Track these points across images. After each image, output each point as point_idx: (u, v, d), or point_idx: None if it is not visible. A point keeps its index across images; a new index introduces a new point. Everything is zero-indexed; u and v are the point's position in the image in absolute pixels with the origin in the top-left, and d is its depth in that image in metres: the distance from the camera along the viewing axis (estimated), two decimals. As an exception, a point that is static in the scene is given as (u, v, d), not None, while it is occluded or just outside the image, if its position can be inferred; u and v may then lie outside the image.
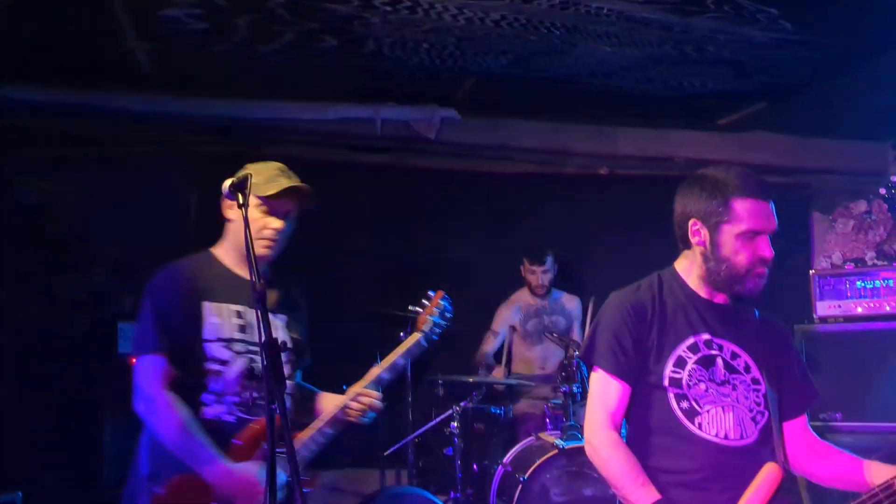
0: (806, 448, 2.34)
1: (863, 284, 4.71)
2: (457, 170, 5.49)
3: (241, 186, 2.17)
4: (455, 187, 5.51)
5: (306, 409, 2.66)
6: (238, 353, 2.45)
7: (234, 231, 2.57)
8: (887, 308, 4.63)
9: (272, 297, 2.46)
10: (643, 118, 5.38)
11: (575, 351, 4.45)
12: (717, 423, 2.19)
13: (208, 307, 2.46)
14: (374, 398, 2.55)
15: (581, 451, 3.94)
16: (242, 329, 2.48)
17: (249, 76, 4.63)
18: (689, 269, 2.34)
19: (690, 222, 2.28)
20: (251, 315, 2.47)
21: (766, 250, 2.21)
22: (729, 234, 2.21)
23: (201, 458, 2.32)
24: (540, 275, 5.29)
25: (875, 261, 5.28)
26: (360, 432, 2.60)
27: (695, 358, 2.23)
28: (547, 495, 3.97)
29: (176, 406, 2.36)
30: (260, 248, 2.44)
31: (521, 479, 3.93)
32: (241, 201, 2.14)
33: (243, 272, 2.51)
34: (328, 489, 5.00)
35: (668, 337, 2.25)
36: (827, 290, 4.79)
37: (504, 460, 4.28)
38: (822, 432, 4.29)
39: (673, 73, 4.46)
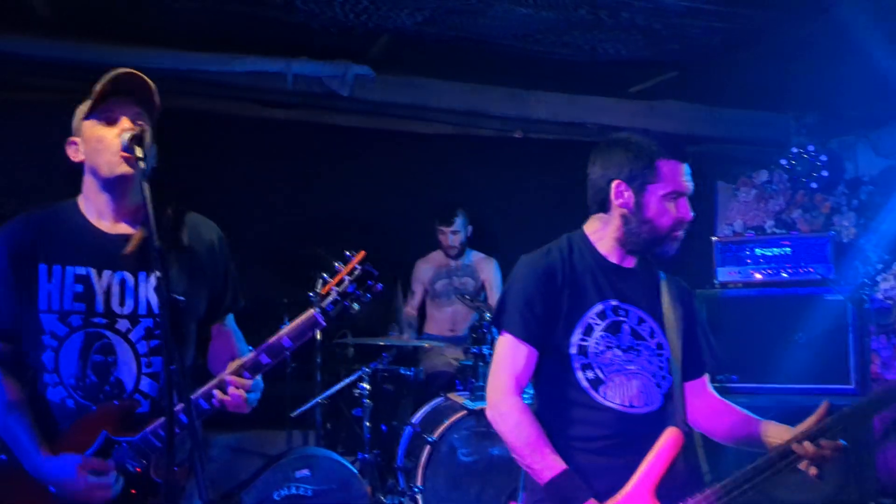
0: (706, 407, 2.39)
1: (762, 252, 4.88)
2: (371, 128, 5.42)
3: (139, 139, 1.97)
4: (369, 146, 5.44)
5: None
6: (75, 327, 2.09)
7: (87, 172, 2.15)
8: (784, 275, 4.82)
9: (140, 251, 2.12)
10: (558, 83, 5.39)
11: (485, 312, 4.48)
12: (622, 391, 2.21)
13: (44, 270, 2.10)
14: (244, 387, 2.06)
15: (489, 411, 4.02)
16: (83, 297, 2.10)
17: (153, 24, 4.41)
18: (600, 232, 2.32)
19: (614, 184, 2.25)
20: (104, 279, 2.11)
21: (688, 212, 2.24)
22: (654, 194, 2.22)
23: (21, 445, 2.05)
24: (449, 235, 5.29)
25: (774, 229, 5.48)
26: (267, 393, 2.43)
27: (603, 325, 2.23)
28: (455, 455, 4.01)
29: (2, 385, 2.10)
30: (116, 168, 2.06)
31: (430, 439, 3.95)
32: (139, 155, 1.95)
33: (108, 225, 2.16)
34: (233, 450, 4.93)
35: (578, 303, 2.24)
36: (728, 257, 4.95)
37: (413, 421, 4.30)
38: (720, 393, 4.47)
39: (587, 39, 4.47)
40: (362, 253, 2.22)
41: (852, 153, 5.80)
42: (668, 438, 2.16)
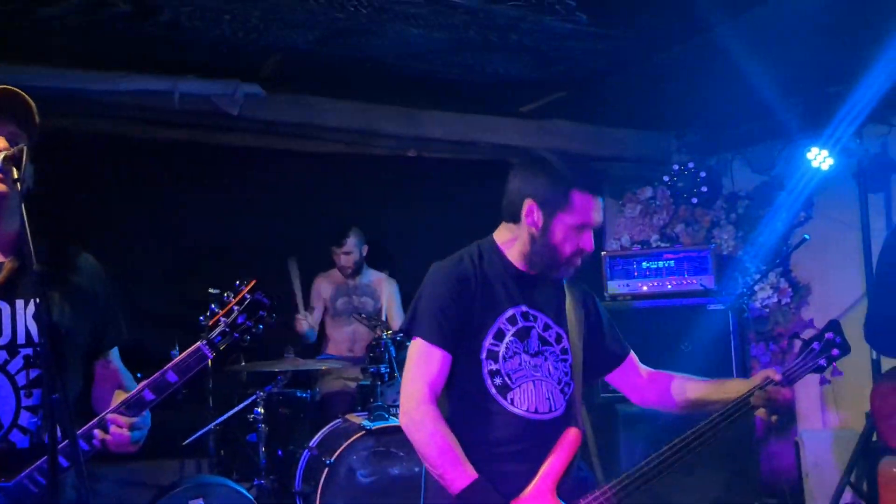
0: (650, 383, 2.50)
1: (648, 265, 5.07)
2: (262, 148, 5.34)
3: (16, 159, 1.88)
4: (260, 165, 5.35)
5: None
6: None
7: None
8: (669, 287, 5.02)
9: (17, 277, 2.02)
10: (451, 102, 5.46)
11: (383, 332, 4.47)
12: (528, 397, 2.26)
13: None
14: (127, 425, 1.98)
15: (388, 430, 3.99)
16: None
17: (33, 41, 4.22)
18: (510, 242, 2.37)
19: (526, 202, 2.29)
20: None
21: (590, 244, 2.30)
22: (563, 222, 2.26)
23: None
24: (342, 256, 5.25)
25: (658, 243, 5.69)
26: (157, 422, 2.34)
27: (513, 330, 2.28)
28: (353, 477, 3.97)
29: None
30: None
31: (328, 462, 3.89)
32: (15, 176, 1.85)
33: None
34: (123, 483, 4.73)
35: (490, 308, 2.28)
36: (617, 270, 5.12)
37: (310, 444, 4.24)
38: (612, 403, 4.60)
39: (478, 59, 4.55)
40: (252, 282, 2.16)
41: (729, 170, 6.09)
42: (568, 438, 2.24)
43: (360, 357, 5.06)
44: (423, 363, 2.24)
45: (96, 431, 1.97)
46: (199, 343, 2.06)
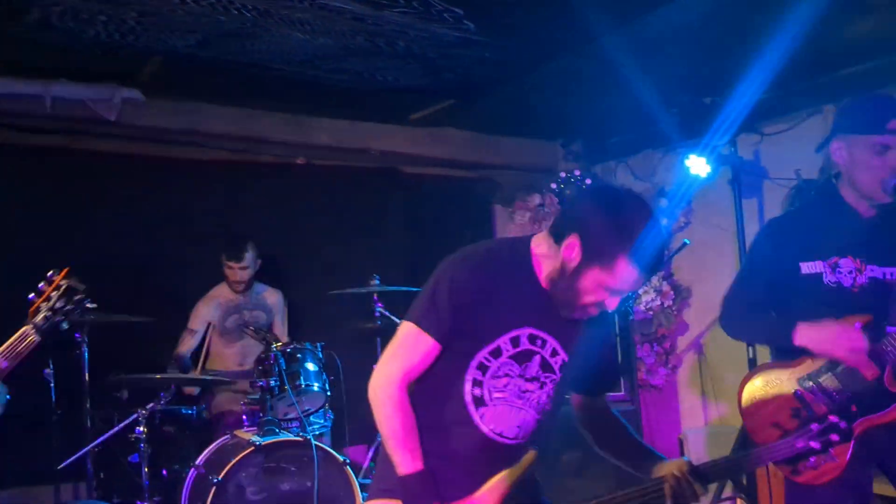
0: (603, 422, 2.41)
1: (538, 271, 5.13)
2: (142, 155, 5.12)
3: None
4: (140, 174, 5.13)
5: None
6: None
7: None
8: (558, 292, 5.09)
9: None
10: (340, 109, 5.40)
11: (273, 344, 4.35)
12: (499, 420, 2.19)
13: None
14: None
15: (279, 445, 3.89)
16: None
17: None
18: (545, 257, 2.19)
19: (572, 236, 2.08)
20: None
21: (613, 305, 2.13)
22: (595, 277, 2.07)
23: None
24: (238, 271, 5.06)
25: (548, 249, 5.78)
26: (29, 446, 2.27)
27: (512, 352, 2.17)
28: (243, 494, 3.84)
29: None
30: None
31: (215, 480, 3.75)
32: None
33: None
34: (-7, 513, 4.44)
35: (495, 323, 2.16)
36: (508, 277, 5.15)
37: (196, 462, 4.07)
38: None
39: (366, 66, 4.51)
40: (65, 269, 2.43)
41: (613, 177, 6.27)
42: (527, 460, 2.18)
43: (248, 371, 4.91)
44: (409, 347, 2.17)
45: None
46: (25, 328, 2.28)
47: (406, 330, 2.18)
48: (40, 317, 2.30)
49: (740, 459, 2.24)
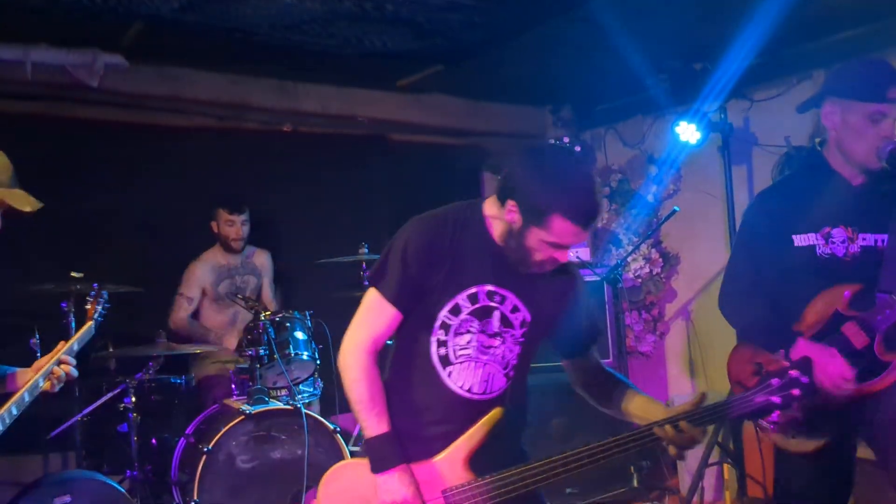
0: (592, 378, 2.45)
1: (527, 238, 5.12)
2: (125, 122, 5.04)
3: None
4: (123, 141, 5.04)
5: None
6: None
7: None
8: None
9: None
10: (327, 75, 5.32)
11: (262, 313, 4.33)
12: (466, 376, 2.26)
13: None
14: (72, 365, 2.75)
15: (269, 414, 3.89)
16: None
17: None
18: (494, 218, 2.26)
19: (509, 201, 2.17)
20: None
21: (563, 258, 2.21)
22: (536, 236, 2.16)
23: None
24: (240, 225, 5.01)
25: (537, 216, 5.76)
26: (18, 415, 2.27)
27: (471, 308, 2.25)
28: (233, 463, 3.84)
29: None
30: None
31: (205, 449, 3.75)
32: None
33: None
34: (-19, 482, 4.42)
35: (453, 281, 2.24)
36: (497, 245, 5.14)
37: (186, 431, 4.07)
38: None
39: (354, 31, 4.44)
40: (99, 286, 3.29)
41: (602, 144, 6.24)
42: (492, 416, 2.25)
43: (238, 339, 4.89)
44: (373, 315, 2.28)
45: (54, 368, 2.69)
46: (91, 323, 3.09)
47: (370, 297, 2.28)
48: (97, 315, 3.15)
49: (706, 412, 2.23)
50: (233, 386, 4.38)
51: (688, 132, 4.92)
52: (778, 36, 4.12)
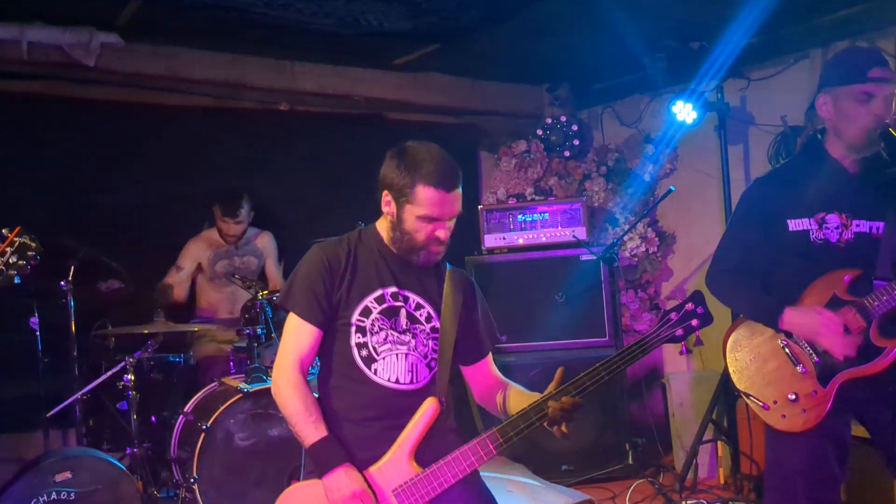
0: (487, 386, 2.63)
1: (523, 218, 5.15)
2: (123, 101, 5.03)
3: None
4: (120, 120, 5.04)
5: None
6: None
7: None
8: (543, 238, 5.12)
9: None
10: (323, 54, 5.31)
11: (259, 293, 4.36)
12: (391, 369, 2.43)
13: None
14: None
15: (266, 392, 3.91)
16: None
17: None
18: (383, 228, 2.53)
19: (384, 193, 2.44)
20: None
21: (442, 233, 2.42)
22: (410, 213, 2.39)
23: None
24: (233, 226, 5.04)
25: (533, 196, 5.78)
26: (18, 393, 2.29)
27: (379, 308, 2.45)
28: (231, 440, 3.89)
29: None
30: None
31: (204, 426, 3.79)
32: None
33: None
34: (-18, 459, 4.46)
35: (358, 288, 2.45)
36: (493, 224, 5.17)
37: (185, 409, 4.11)
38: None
39: (350, 10, 4.43)
40: (17, 228, 2.59)
41: (599, 123, 6.24)
42: (426, 408, 2.39)
43: (236, 318, 4.92)
44: (295, 336, 2.44)
45: None
46: None
47: (291, 321, 2.46)
48: None
49: (614, 360, 2.33)
50: (231, 364, 4.42)
51: (684, 111, 4.92)
52: (775, 15, 4.11)
